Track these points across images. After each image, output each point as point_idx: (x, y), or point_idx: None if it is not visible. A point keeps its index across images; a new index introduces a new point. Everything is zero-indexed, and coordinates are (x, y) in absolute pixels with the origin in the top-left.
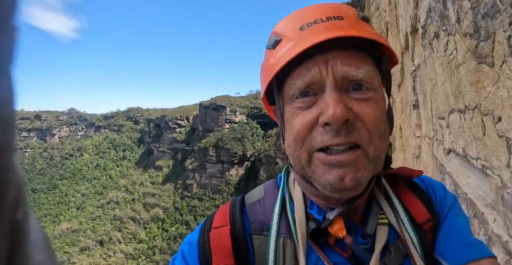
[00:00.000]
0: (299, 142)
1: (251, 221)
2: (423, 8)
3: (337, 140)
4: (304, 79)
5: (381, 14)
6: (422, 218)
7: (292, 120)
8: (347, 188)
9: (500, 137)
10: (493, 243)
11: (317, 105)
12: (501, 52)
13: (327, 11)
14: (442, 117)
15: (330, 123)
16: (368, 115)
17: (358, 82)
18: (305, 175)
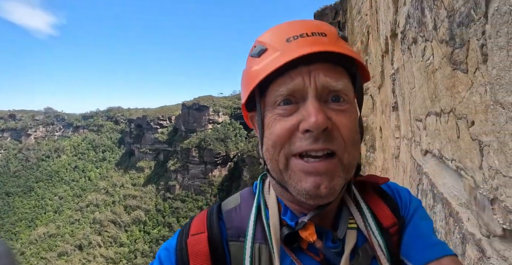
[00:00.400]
0: (278, 146)
1: (227, 227)
2: (402, 14)
3: (315, 146)
4: (288, 87)
5: (362, 17)
6: (388, 222)
7: (273, 126)
8: (322, 196)
9: (473, 140)
10: (467, 241)
11: (298, 113)
12: (475, 59)
13: (312, 27)
14: (420, 119)
15: (311, 130)
16: (344, 125)
17: (337, 94)
18: (281, 180)
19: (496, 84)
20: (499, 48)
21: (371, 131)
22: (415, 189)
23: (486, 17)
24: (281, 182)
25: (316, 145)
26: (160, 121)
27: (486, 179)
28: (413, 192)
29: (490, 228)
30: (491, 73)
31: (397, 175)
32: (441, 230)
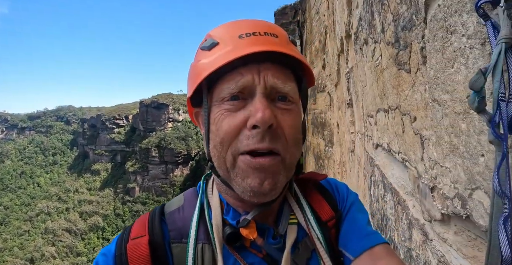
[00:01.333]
0: (226, 143)
1: (170, 229)
2: (355, 16)
3: (261, 145)
4: (238, 84)
5: (320, 18)
6: (327, 216)
7: (220, 122)
8: (265, 193)
9: (416, 135)
10: (413, 226)
11: (246, 109)
12: (416, 61)
13: (265, 27)
14: (371, 115)
15: (258, 125)
16: (288, 124)
17: (284, 95)
18: (227, 178)
19: (433, 83)
20: (435, 51)
21: (329, 127)
22: (369, 180)
23: (425, 22)
24: (226, 180)
25: (263, 144)
26: (116, 120)
27: (427, 170)
28: (367, 183)
29: (431, 213)
30: (429, 73)
31: (353, 168)
32: (391, 217)
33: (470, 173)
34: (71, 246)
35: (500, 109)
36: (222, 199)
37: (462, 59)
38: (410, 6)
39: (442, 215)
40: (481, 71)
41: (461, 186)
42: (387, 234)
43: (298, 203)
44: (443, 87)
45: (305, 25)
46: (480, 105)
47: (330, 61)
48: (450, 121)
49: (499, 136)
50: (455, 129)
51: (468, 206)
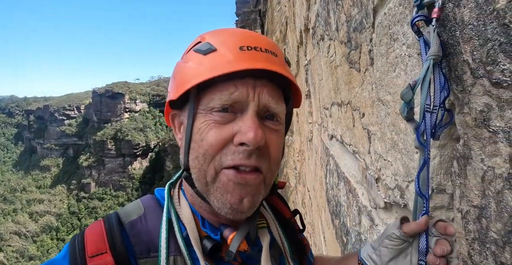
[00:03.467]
0: (210, 157)
1: (134, 243)
2: (313, 12)
3: (247, 162)
4: (231, 96)
5: (281, 8)
6: (288, 214)
7: (205, 132)
8: (243, 211)
9: (364, 129)
10: (362, 212)
11: (235, 124)
12: (365, 61)
13: (266, 43)
14: (326, 108)
15: (248, 144)
16: (275, 144)
17: (273, 114)
18: (205, 192)
19: (378, 84)
20: (381, 55)
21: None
22: (325, 169)
23: (373, 27)
24: (202, 193)
25: (249, 161)
26: (66, 111)
27: (373, 162)
28: (323, 171)
29: (376, 201)
30: (375, 74)
31: (311, 156)
32: (344, 204)
33: (407, 167)
34: (21, 250)
35: (425, 119)
36: (194, 211)
37: (402, 66)
38: (361, 9)
39: (385, 203)
40: (410, 85)
41: (400, 178)
42: (340, 219)
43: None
44: (387, 89)
45: (267, 15)
46: (409, 114)
47: (290, 51)
48: (392, 120)
49: (423, 144)
50: (395, 128)
51: (405, 196)
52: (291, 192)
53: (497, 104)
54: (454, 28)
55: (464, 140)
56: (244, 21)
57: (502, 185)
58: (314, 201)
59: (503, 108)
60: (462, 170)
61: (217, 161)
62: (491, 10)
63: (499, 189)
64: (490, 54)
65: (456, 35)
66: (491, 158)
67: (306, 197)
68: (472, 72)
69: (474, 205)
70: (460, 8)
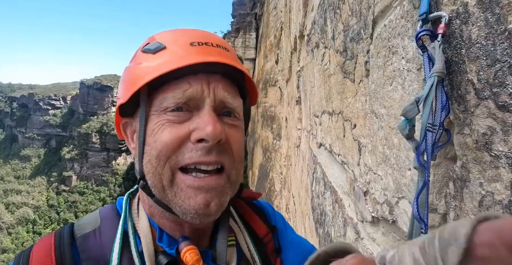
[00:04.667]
0: (164, 157)
1: (83, 259)
2: (310, 19)
3: (208, 158)
4: (185, 94)
5: (278, 13)
6: (263, 232)
7: (159, 133)
8: (211, 214)
9: (355, 140)
10: (348, 224)
11: (191, 122)
12: (360, 72)
13: (217, 39)
14: (317, 116)
15: (207, 139)
16: (235, 139)
17: (230, 110)
18: (164, 198)
19: (373, 96)
20: (378, 67)
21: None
22: (311, 177)
23: (371, 38)
24: (162, 201)
25: (209, 158)
26: (52, 101)
27: (362, 174)
28: (309, 179)
29: (363, 215)
30: (370, 86)
31: (298, 163)
32: (329, 213)
33: (398, 183)
34: None
35: (426, 138)
36: (152, 223)
37: (400, 80)
38: (359, 20)
39: (372, 218)
40: (416, 101)
41: (390, 194)
42: (325, 229)
43: (233, 221)
44: (381, 102)
45: (262, 19)
46: (410, 133)
47: (284, 57)
48: (385, 133)
49: (423, 164)
50: (388, 142)
51: (395, 213)
52: (276, 197)
53: (501, 128)
54: (460, 45)
55: (462, 162)
56: (240, 23)
57: (501, 212)
58: (298, 207)
59: (508, 133)
60: (458, 193)
61: (173, 160)
62: (503, 30)
63: None
64: (498, 75)
65: (462, 53)
66: (491, 183)
67: (290, 203)
68: (476, 92)
69: None
70: (468, 25)
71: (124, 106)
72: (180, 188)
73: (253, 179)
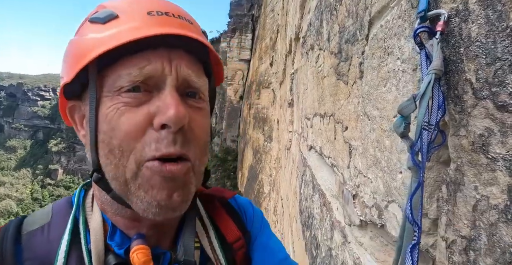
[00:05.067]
0: (128, 148)
1: (25, 258)
2: (306, 21)
3: (173, 149)
4: (143, 71)
5: (275, 16)
6: (233, 237)
7: (116, 118)
8: (175, 207)
9: (345, 143)
10: (335, 227)
11: (151, 104)
12: (354, 74)
13: (178, 10)
14: (308, 118)
15: (169, 124)
16: (200, 124)
17: (195, 90)
18: (125, 193)
19: (366, 98)
20: (372, 68)
21: (269, 123)
22: (300, 179)
23: (367, 40)
24: (122, 196)
25: (174, 149)
26: (41, 91)
27: (351, 177)
28: (298, 181)
29: (351, 218)
30: (364, 88)
31: (288, 165)
32: (317, 216)
33: (388, 187)
34: None
35: (422, 137)
36: (106, 219)
37: (394, 81)
38: (355, 21)
39: (360, 221)
40: (413, 97)
41: (380, 197)
42: (312, 232)
43: (201, 222)
44: (374, 104)
45: (259, 20)
46: (405, 130)
47: (278, 59)
48: (377, 136)
49: (417, 164)
50: (380, 144)
51: (384, 217)
52: (264, 199)
53: (499, 129)
54: (458, 44)
55: (457, 165)
56: (236, 23)
57: (497, 217)
58: (286, 210)
59: (506, 134)
60: (451, 196)
61: (139, 152)
62: (504, 27)
63: (493, 221)
64: (497, 74)
65: (460, 51)
66: (487, 187)
67: (278, 205)
68: (474, 92)
69: (462, 235)
70: (467, 23)
71: (70, 87)
72: (145, 178)
73: (243, 180)
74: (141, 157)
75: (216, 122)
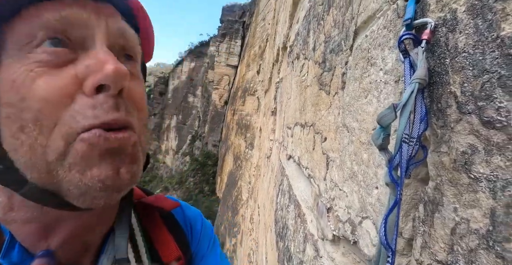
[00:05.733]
0: (49, 120)
1: None
2: (294, 31)
3: (118, 115)
4: (63, 14)
5: (265, 25)
6: (171, 256)
7: (28, 85)
8: (123, 185)
9: (323, 154)
10: (308, 240)
11: (77, 65)
12: (336, 84)
13: None
14: (289, 127)
15: (107, 83)
16: (139, 94)
17: (131, 53)
18: (48, 182)
19: (346, 109)
20: (354, 79)
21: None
22: (278, 188)
23: (351, 50)
24: (45, 187)
25: (119, 114)
26: None
27: (327, 190)
28: (275, 191)
29: (324, 232)
30: (345, 99)
31: (267, 173)
32: (291, 227)
33: (363, 202)
34: None
35: (401, 150)
36: (3, 229)
37: (376, 92)
38: (341, 31)
39: (333, 236)
40: (393, 106)
41: (354, 213)
42: (285, 243)
43: (131, 237)
44: (355, 115)
45: (250, 28)
46: (384, 142)
47: (265, 68)
48: (355, 148)
49: (395, 180)
50: (357, 157)
51: (357, 233)
52: (242, 206)
53: (484, 147)
54: (444, 55)
55: (436, 183)
56: (227, 29)
57: (477, 243)
58: (262, 218)
59: (491, 153)
60: (428, 217)
61: (67, 124)
62: (494, 37)
63: (473, 247)
64: (485, 87)
65: (446, 63)
66: (467, 209)
67: (255, 213)
68: (458, 106)
69: (438, 260)
70: (455, 33)
71: None
72: (79, 155)
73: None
74: (72, 129)
75: (198, 125)
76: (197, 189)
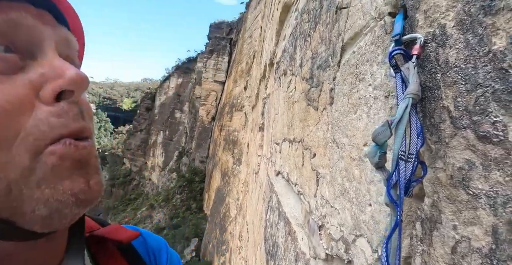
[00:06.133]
0: (8, 132)
1: None
2: (281, 47)
3: (84, 123)
4: (9, 17)
5: (252, 42)
6: None
7: None
8: (94, 197)
9: (313, 170)
10: (299, 259)
11: (31, 72)
12: (324, 100)
13: None
14: (277, 143)
15: (70, 88)
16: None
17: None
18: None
19: (335, 125)
20: (343, 94)
21: (239, 146)
22: (266, 205)
23: (339, 66)
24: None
25: (85, 122)
26: None
27: (318, 207)
28: (264, 207)
29: (316, 251)
30: (333, 114)
31: (255, 189)
32: (281, 246)
33: (357, 220)
34: None
35: (399, 168)
36: None
37: (365, 108)
38: (328, 47)
39: (326, 255)
40: (388, 122)
41: (347, 230)
42: (276, 262)
43: None
44: (344, 131)
45: (237, 45)
46: (381, 161)
47: (252, 84)
48: (345, 164)
49: (394, 201)
50: (348, 174)
51: (351, 252)
52: (230, 223)
53: (481, 162)
54: (435, 70)
55: (432, 200)
56: (214, 45)
57: (480, 262)
58: (251, 236)
59: (489, 168)
60: (426, 235)
61: (31, 135)
62: (486, 51)
63: None
64: (479, 101)
65: (437, 78)
66: (468, 226)
67: (244, 230)
68: (452, 121)
69: None
70: (445, 48)
71: None
72: (50, 169)
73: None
74: (38, 141)
75: (185, 141)
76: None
